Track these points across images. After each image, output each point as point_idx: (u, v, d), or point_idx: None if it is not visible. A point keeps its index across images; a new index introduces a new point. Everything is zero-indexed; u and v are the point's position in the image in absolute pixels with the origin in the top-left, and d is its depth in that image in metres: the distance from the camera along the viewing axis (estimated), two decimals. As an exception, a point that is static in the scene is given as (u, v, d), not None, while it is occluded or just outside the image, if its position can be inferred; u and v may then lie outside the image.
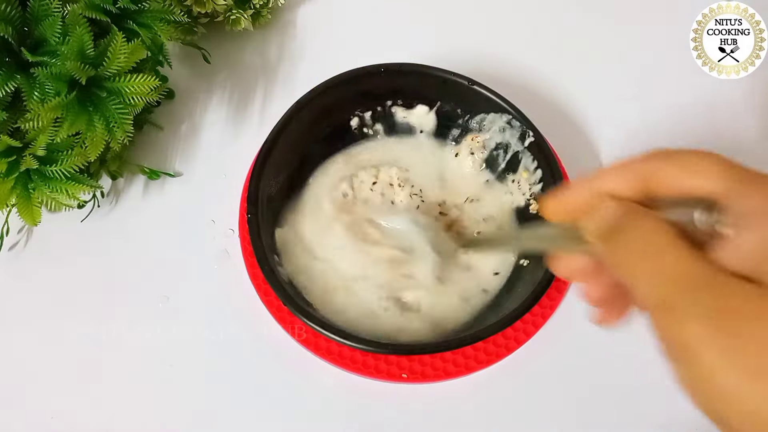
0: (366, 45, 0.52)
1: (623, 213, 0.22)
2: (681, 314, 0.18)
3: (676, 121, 0.49)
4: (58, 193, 0.37)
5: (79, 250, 0.44)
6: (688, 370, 0.19)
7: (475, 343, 0.35)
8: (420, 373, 0.38)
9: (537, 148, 0.41)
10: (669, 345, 0.19)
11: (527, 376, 0.40)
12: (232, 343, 0.40)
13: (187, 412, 0.39)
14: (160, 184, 0.46)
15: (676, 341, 0.19)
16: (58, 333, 0.41)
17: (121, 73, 0.37)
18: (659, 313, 0.19)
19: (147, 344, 0.40)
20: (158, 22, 0.40)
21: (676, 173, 0.21)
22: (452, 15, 0.55)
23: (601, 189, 0.23)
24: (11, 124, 0.37)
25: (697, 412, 0.19)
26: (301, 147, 0.43)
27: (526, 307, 0.35)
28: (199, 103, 0.50)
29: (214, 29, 0.51)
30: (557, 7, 0.56)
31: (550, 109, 0.50)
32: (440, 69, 0.43)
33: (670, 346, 0.19)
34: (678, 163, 0.22)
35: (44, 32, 0.36)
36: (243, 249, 0.41)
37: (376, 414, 0.39)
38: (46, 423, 0.38)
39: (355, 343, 0.34)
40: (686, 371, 0.19)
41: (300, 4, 0.55)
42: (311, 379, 0.39)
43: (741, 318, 0.18)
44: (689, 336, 0.18)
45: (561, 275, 0.27)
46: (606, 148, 0.48)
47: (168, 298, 0.42)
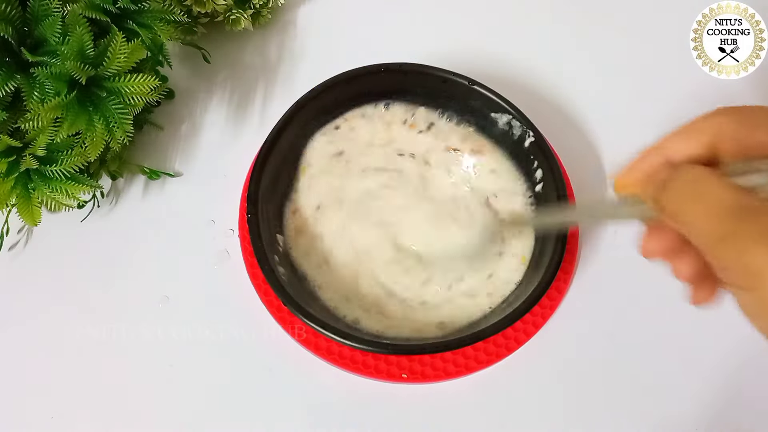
0: (366, 45, 0.51)
1: (674, 170, 0.23)
2: (743, 241, 0.19)
3: (676, 121, 0.49)
4: (58, 193, 0.37)
5: (79, 250, 0.44)
6: (754, 295, 0.19)
7: (475, 343, 0.35)
8: (420, 373, 0.38)
9: (537, 148, 0.41)
10: (734, 274, 0.20)
11: (527, 376, 0.40)
12: (232, 343, 0.40)
13: (187, 412, 0.39)
14: (160, 184, 0.46)
15: (741, 268, 0.19)
16: (58, 333, 0.41)
17: (121, 73, 0.37)
18: (722, 246, 0.20)
19: (147, 344, 0.40)
20: (158, 22, 0.40)
21: (738, 127, 0.22)
22: (452, 15, 0.55)
23: (667, 154, 0.24)
24: (11, 124, 0.37)
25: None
26: (301, 146, 0.43)
27: (526, 307, 0.35)
28: (199, 103, 0.50)
29: (214, 29, 0.51)
30: (557, 7, 0.56)
31: (550, 109, 0.50)
32: (440, 69, 0.43)
33: (735, 275, 0.20)
34: (740, 116, 0.22)
35: (44, 32, 0.36)
36: (243, 249, 0.41)
37: (376, 414, 0.39)
38: (46, 423, 0.38)
39: (355, 343, 0.34)
40: (753, 298, 0.19)
41: (300, 4, 0.55)
42: (311, 379, 0.39)
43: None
44: (753, 260, 0.19)
45: (649, 255, 0.26)
46: (606, 148, 0.48)
47: (168, 298, 0.42)
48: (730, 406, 0.39)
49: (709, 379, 0.40)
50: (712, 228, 0.21)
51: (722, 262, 0.20)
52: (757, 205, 0.20)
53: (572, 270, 0.42)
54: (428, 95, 0.44)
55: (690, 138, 0.24)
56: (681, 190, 0.22)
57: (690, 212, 0.22)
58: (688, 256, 0.25)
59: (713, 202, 0.21)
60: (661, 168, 0.24)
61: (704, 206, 0.21)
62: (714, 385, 0.40)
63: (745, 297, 0.20)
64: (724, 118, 0.23)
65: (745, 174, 0.22)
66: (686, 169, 0.23)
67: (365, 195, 0.43)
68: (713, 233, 0.20)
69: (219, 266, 0.43)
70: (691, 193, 0.22)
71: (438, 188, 0.43)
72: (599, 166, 0.47)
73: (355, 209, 0.42)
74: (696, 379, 0.40)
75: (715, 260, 0.21)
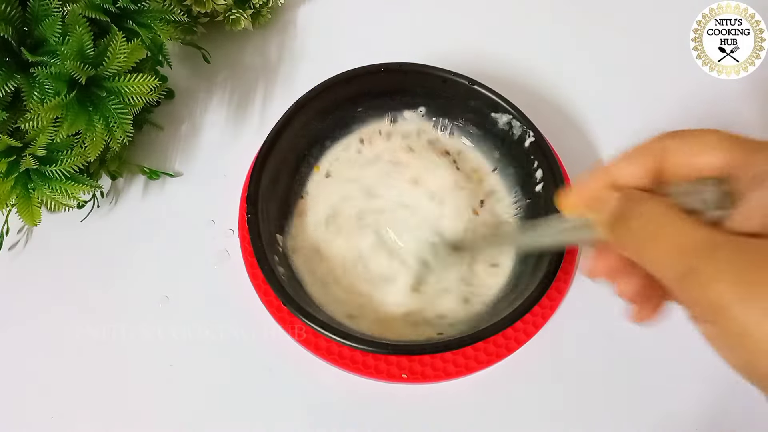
0: (366, 45, 0.52)
1: (626, 201, 0.23)
2: (705, 277, 0.19)
3: (676, 121, 0.49)
4: (58, 193, 0.37)
5: (79, 250, 0.44)
6: (720, 329, 0.19)
7: (475, 343, 0.35)
8: (420, 373, 0.38)
9: (537, 148, 0.41)
10: (698, 309, 0.20)
11: (527, 376, 0.40)
12: (232, 343, 0.40)
13: (187, 412, 0.39)
14: (160, 184, 0.46)
15: (704, 303, 0.19)
16: (58, 333, 0.41)
17: (120, 73, 0.37)
18: (684, 282, 0.20)
19: (147, 344, 0.40)
20: (158, 22, 0.40)
21: (685, 150, 0.22)
22: (452, 15, 0.55)
23: (614, 177, 0.24)
24: (11, 124, 0.37)
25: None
26: (301, 147, 0.43)
27: (526, 307, 0.35)
28: (199, 103, 0.50)
29: (214, 29, 0.51)
30: (557, 7, 0.56)
31: (550, 109, 0.50)
32: (440, 69, 0.43)
33: (700, 310, 0.20)
34: (687, 140, 0.23)
35: (44, 32, 0.36)
36: (243, 249, 0.41)
37: (376, 414, 0.39)
38: (46, 423, 0.38)
39: (355, 343, 0.34)
40: (718, 331, 0.19)
41: (300, 4, 0.55)
42: (311, 379, 0.39)
43: (763, 269, 0.18)
44: (717, 295, 0.19)
45: (594, 275, 0.27)
46: (606, 148, 0.48)
47: (168, 298, 0.42)
48: (729, 406, 0.39)
49: (708, 379, 0.40)
50: (674, 265, 0.21)
51: (686, 296, 0.20)
52: (718, 241, 0.20)
53: (572, 270, 0.42)
54: (428, 95, 0.44)
55: (634, 161, 0.24)
56: (641, 229, 0.22)
57: (652, 250, 0.22)
58: (632, 276, 0.25)
59: (674, 240, 0.21)
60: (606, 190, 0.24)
61: (665, 245, 0.21)
62: (714, 385, 0.40)
63: (710, 330, 0.20)
64: (669, 141, 0.23)
65: (689, 195, 0.22)
66: (644, 205, 0.23)
67: (365, 195, 0.43)
68: (676, 270, 0.20)
69: (219, 266, 0.43)
70: (652, 230, 0.22)
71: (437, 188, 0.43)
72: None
73: (352, 213, 0.42)
74: (696, 379, 0.40)
75: (680, 295, 0.21)
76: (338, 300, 0.39)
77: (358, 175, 0.44)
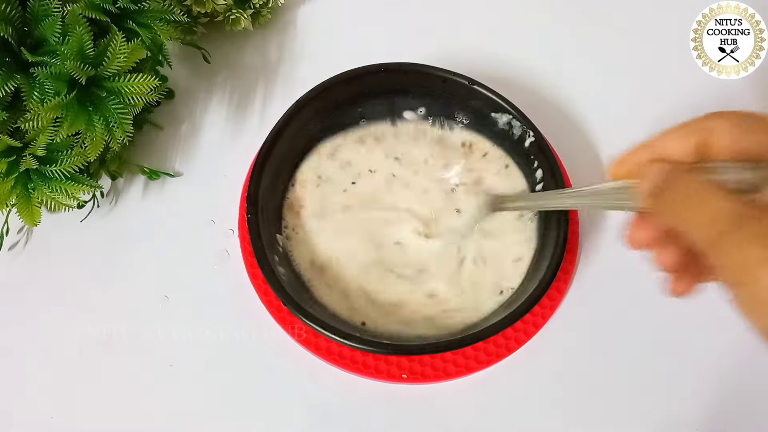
0: (366, 45, 0.52)
1: (667, 173, 0.25)
2: (737, 240, 0.21)
3: (676, 121, 0.49)
4: (58, 193, 0.37)
5: (79, 250, 0.44)
6: (747, 292, 0.20)
7: (476, 343, 0.35)
8: (420, 373, 0.38)
9: (537, 148, 0.41)
10: (729, 271, 0.21)
11: (527, 376, 0.40)
12: (232, 343, 0.40)
13: (187, 412, 0.39)
14: (160, 184, 0.46)
15: (735, 266, 0.21)
16: (58, 333, 0.41)
17: (120, 73, 0.37)
18: (717, 246, 0.21)
19: (147, 344, 0.40)
20: (158, 22, 0.40)
21: (729, 131, 0.24)
22: (452, 15, 0.55)
23: (658, 151, 0.26)
24: (11, 124, 0.37)
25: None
26: (301, 147, 0.43)
27: (526, 307, 0.35)
28: (199, 103, 0.50)
29: (214, 29, 0.51)
30: (557, 7, 0.56)
31: (550, 109, 0.50)
32: (440, 69, 0.43)
33: (730, 272, 0.21)
34: (733, 121, 0.24)
35: (44, 32, 0.36)
36: (243, 249, 0.41)
37: (376, 414, 0.39)
38: (46, 423, 0.38)
39: (355, 343, 0.34)
40: (746, 293, 0.20)
41: (300, 4, 0.55)
42: (311, 379, 0.39)
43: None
44: (746, 259, 0.20)
45: (634, 244, 0.28)
46: (606, 148, 0.48)
47: (168, 298, 0.42)
48: (729, 406, 0.39)
49: (708, 379, 0.40)
50: (708, 231, 0.22)
51: (720, 259, 0.21)
52: (753, 213, 0.21)
53: (572, 270, 0.42)
54: (428, 95, 0.44)
55: (681, 137, 0.25)
56: (678, 198, 0.24)
57: (687, 217, 0.23)
58: (672, 246, 0.26)
59: (712, 212, 0.22)
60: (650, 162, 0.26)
61: (703, 216, 0.22)
62: (713, 384, 0.40)
63: (741, 292, 0.21)
64: (718, 120, 0.24)
65: (727, 173, 0.23)
66: (682, 179, 0.24)
67: (364, 196, 0.43)
68: (709, 234, 0.22)
69: (219, 266, 0.43)
70: (688, 199, 0.23)
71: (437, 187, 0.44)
72: (599, 166, 0.47)
73: (352, 212, 0.42)
74: (696, 379, 0.40)
75: (713, 257, 0.22)
76: (342, 297, 0.39)
77: (358, 174, 0.44)
